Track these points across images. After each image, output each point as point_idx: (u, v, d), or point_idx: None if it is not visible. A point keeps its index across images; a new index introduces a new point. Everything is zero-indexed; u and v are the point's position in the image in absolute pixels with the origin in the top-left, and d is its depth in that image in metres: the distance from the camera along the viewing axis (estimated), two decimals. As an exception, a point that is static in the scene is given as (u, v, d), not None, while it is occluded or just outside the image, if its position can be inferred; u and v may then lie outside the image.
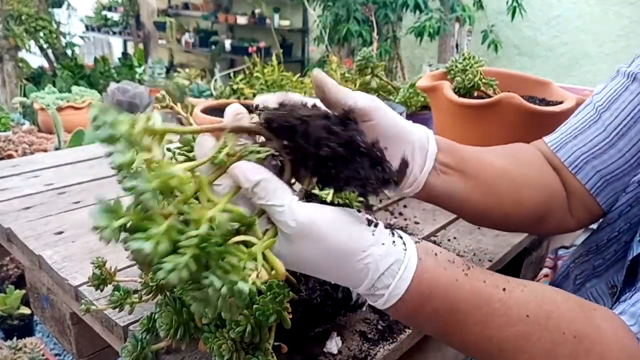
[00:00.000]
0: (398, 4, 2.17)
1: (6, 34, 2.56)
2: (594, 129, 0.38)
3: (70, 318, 0.46)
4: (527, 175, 0.37)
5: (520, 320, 0.26)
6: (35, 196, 0.60)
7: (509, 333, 0.26)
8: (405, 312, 0.26)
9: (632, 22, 2.22)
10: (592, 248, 0.40)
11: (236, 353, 0.30)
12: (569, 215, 0.39)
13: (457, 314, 0.26)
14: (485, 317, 0.26)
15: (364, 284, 0.25)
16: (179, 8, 4.37)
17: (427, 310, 0.26)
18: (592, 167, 0.37)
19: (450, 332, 0.27)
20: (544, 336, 0.25)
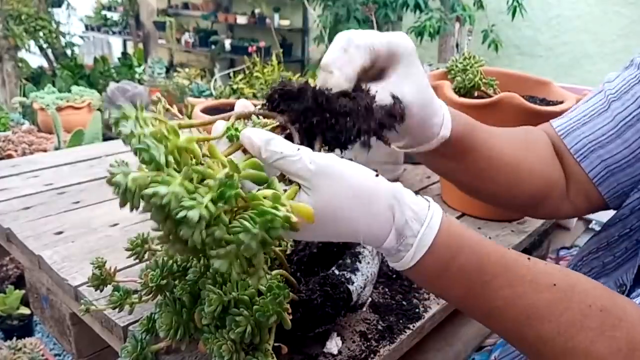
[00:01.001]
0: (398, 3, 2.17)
1: (6, 34, 2.56)
2: (602, 118, 0.37)
3: (70, 318, 0.45)
4: (532, 164, 0.37)
5: (547, 288, 0.25)
6: (34, 196, 0.60)
7: (536, 299, 0.25)
8: (433, 269, 0.25)
9: (632, 21, 2.22)
10: (603, 244, 0.40)
11: (236, 354, 0.30)
12: (566, 202, 0.39)
13: (485, 275, 0.25)
14: (513, 281, 0.25)
15: (392, 231, 0.24)
16: (179, 8, 4.37)
17: (455, 267, 0.25)
18: (598, 155, 0.37)
19: (477, 295, 0.25)
20: (571, 307, 0.25)
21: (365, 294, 0.37)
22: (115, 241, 0.50)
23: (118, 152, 0.78)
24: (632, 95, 0.36)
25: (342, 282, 0.35)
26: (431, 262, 0.25)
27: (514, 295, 0.25)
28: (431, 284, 0.26)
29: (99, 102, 2.16)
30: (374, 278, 0.39)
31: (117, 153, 0.78)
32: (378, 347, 0.37)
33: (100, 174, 0.68)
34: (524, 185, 0.37)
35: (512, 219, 0.60)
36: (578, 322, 0.25)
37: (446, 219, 0.25)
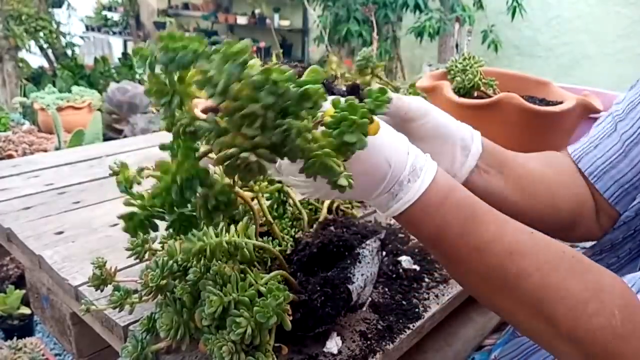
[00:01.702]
0: (398, 4, 2.17)
1: (6, 34, 2.56)
2: (611, 139, 0.39)
3: (71, 318, 0.46)
4: (561, 181, 0.39)
5: (527, 232, 0.28)
6: (35, 196, 0.60)
7: (519, 238, 0.28)
8: (436, 199, 0.27)
9: (633, 22, 2.22)
10: (607, 247, 0.41)
11: (236, 354, 0.30)
12: (596, 223, 0.40)
13: (477, 210, 0.28)
14: (499, 219, 0.28)
15: (409, 162, 0.27)
16: (179, 8, 4.37)
17: (454, 198, 0.28)
18: (610, 176, 0.38)
19: (469, 231, 0.27)
20: (549, 249, 0.28)
21: (365, 294, 0.38)
22: (116, 241, 0.50)
23: (118, 152, 0.78)
24: (637, 114, 0.37)
25: (342, 282, 0.35)
26: (434, 193, 0.27)
27: (501, 232, 0.28)
28: (433, 216, 0.28)
29: (100, 103, 2.17)
30: (373, 278, 0.39)
31: (117, 153, 0.78)
32: (378, 346, 0.37)
33: (101, 174, 0.68)
34: (563, 200, 0.38)
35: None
36: (554, 262, 0.27)
37: (439, 168, 0.29)
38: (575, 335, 0.26)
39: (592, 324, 0.25)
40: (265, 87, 0.20)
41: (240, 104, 0.20)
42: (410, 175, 0.27)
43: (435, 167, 0.28)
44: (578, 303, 0.26)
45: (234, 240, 0.33)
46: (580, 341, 0.26)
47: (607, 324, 0.25)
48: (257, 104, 0.20)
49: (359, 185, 0.27)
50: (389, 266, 0.46)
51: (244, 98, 0.20)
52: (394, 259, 0.47)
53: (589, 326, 0.25)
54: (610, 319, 0.25)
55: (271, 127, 0.21)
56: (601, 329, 0.25)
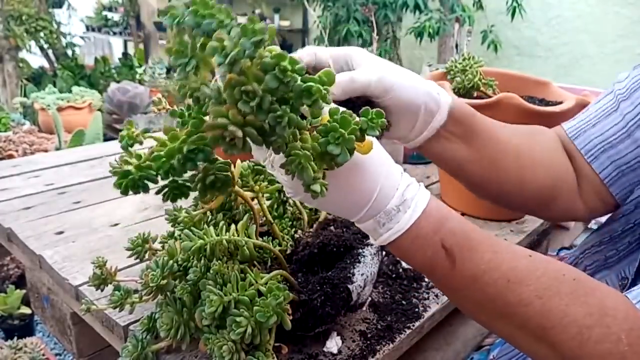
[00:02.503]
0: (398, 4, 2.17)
1: (7, 34, 2.56)
2: (612, 118, 0.37)
3: (71, 318, 0.46)
4: (537, 157, 0.37)
5: (525, 257, 0.28)
6: (35, 196, 0.60)
7: (516, 264, 0.27)
8: (426, 230, 0.27)
9: (632, 22, 2.22)
10: (606, 239, 0.40)
11: (237, 354, 0.30)
12: (579, 202, 0.39)
13: (471, 240, 0.27)
14: (495, 246, 0.28)
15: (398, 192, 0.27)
16: (179, 8, 4.37)
17: (446, 229, 0.27)
18: (608, 156, 0.37)
19: (464, 259, 0.27)
20: (547, 273, 0.27)
21: (365, 294, 0.38)
22: (116, 241, 0.50)
23: (119, 153, 0.79)
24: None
25: (342, 282, 0.35)
26: (425, 224, 0.27)
27: (497, 260, 0.27)
28: (424, 247, 0.28)
29: (100, 103, 2.17)
30: (373, 278, 0.39)
31: (117, 153, 0.78)
32: (378, 346, 0.37)
33: (101, 174, 0.68)
34: (533, 176, 0.37)
35: (511, 218, 0.60)
36: (554, 287, 0.26)
37: (432, 197, 0.28)
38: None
39: (599, 350, 0.24)
40: (273, 72, 0.20)
41: (244, 79, 0.21)
42: (400, 205, 0.26)
43: (427, 197, 0.27)
44: (582, 329, 0.25)
45: (234, 238, 0.33)
46: None
47: (614, 350, 0.24)
48: (260, 84, 0.20)
49: (340, 202, 0.26)
50: (389, 266, 0.46)
51: (250, 75, 0.21)
52: (394, 258, 0.47)
53: (595, 352, 0.25)
54: (618, 345, 0.24)
55: (266, 110, 0.21)
56: (609, 355, 0.24)
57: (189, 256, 0.33)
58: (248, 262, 0.35)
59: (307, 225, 0.42)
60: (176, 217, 0.36)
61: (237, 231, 0.34)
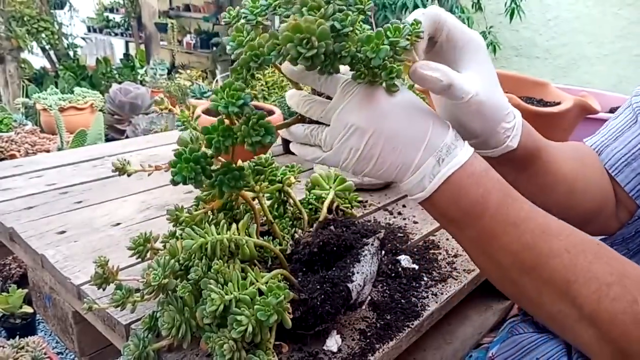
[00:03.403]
0: (398, 5, 2.17)
1: (8, 35, 2.57)
2: (632, 131, 0.38)
3: (73, 317, 0.46)
4: (588, 184, 0.38)
5: (555, 218, 0.29)
6: (37, 196, 0.60)
7: (549, 220, 0.28)
8: (479, 167, 0.28)
9: (630, 23, 2.22)
10: (617, 240, 0.40)
11: (237, 352, 0.30)
12: (614, 219, 0.39)
13: (511, 190, 0.28)
14: (529, 201, 0.28)
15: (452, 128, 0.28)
16: (180, 9, 4.38)
17: (492, 173, 0.28)
18: (632, 169, 0.37)
19: (508, 205, 0.27)
20: (575, 233, 0.28)
21: (365, 293, 0.38)
22: (118, 240, 0.50)
23: (120, 153, 0.79)
24: None
25: (342, 281, 0.35)
26: (477, 162, 0.28)
27: (534, 211, 0.28)
28: (479, 183, 0.28)
29: (101, 103, 2.17)
30: (373, 277, 0.39)
31: (119, 153, 0.78)
32: (377, 344, 0.37)
33: (103, 174, 0.68)
34: (582, 200, 0.37)
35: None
36: (581, 245, 0.27)
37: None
38: (597, 318, 0.26)
39: (615, 307, 0.25)
40: None
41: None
42: (456, 140, 0.27)
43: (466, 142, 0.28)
44: (602, 285, 0.26)
45: (234, 238, 0.33)
46: (600, 324, 0.26)
47: (629, 309, 0.25)
48: None
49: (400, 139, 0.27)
50: (388, 265, 0.46)
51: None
52: (393, 258, 0.48)
53: (611, 309, 0.25)
54: (633, 305, 0.25)
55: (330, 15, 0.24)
56: (622, 313, 0.25)
57: (190, 255, 0.34)
58: (249, 261, 0.35)
59: (307, 225, 0.42)
60: (177, 217, 0.36)
61: (238, 230, 0.34)
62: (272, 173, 0.41)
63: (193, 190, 0.63)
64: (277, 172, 0.41)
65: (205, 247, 0.32)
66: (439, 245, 0.52)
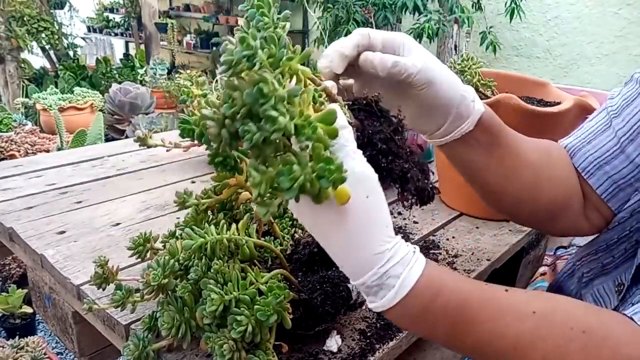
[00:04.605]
0: (397, 5, 2.17)
1: (8, 35, 2.57)
2: (605, 135, 0.38)
3: (73, 317, 0.46)
4: (554, 174, 0.38)
5: (528, 317, 0.26)
6: (37, 196, 0.60)
7: (520, 329, 0.25)
8: (414, 310, 0.25)
9: (630, 23, 2.22)
10: (602, 247, 0.41)
11: (237, 352, 0.30)
12: (583, 218, 0.40)
13: (467, 311, 0.26)
14: (495, 313, 0.26)
15: (377, 266, 0.25)
16: (180, 9, 4.39)
17: (437, 306, 0.26)
18: (604, 172, 0.38)
19: (461, 332, 0.26)
20: (554, 332, 0.25)
21: (364, 293, 0.38)
22: (118, 240, 0.50)
23: (120, 153, 0.79)
24: (632, 110, 0.37)
25: (342, 281, 0.35)
26: (413, 303, 0.26)
27: (498, 328, 0.26)
28: (413, 324, 0.27)
29: (101, 103, 2.17)
30: (373, 277, 0.39)
31: (119, 153, 0.78)
32: (377, 345, 0.37)
33: (103, 174, 0.68)
34: (549, 189, 0.37)
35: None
36: (563, 347, 0.25)
37: (428, 265, 0.27)
38: None
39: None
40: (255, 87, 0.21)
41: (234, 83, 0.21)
42: (382, 282, 0.25)
43: (418, 271, 0.25)
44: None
45: (234, 237, 0.33)
46: None
47: None
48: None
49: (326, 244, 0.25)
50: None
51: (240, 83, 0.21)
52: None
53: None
54: None
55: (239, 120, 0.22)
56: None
57: (190, 255, 0.34)
58: (249, 261, 0.35)
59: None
60: (185, 200, 0.36)
61: (238, 230, 0.34)
62: (272, 173, 0.40)
63: (193, 191, 0.63)
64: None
65: (205, 247, 0.32)
66: (439, 245, 0.52)
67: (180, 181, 0.66)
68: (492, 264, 0.50)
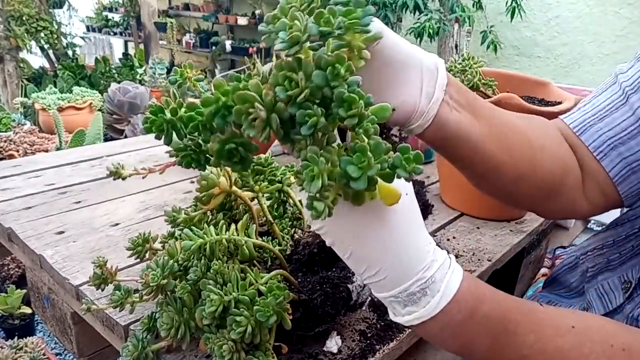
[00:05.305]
0: (398, 4, 2.17)
1: (7, 35, 2.57)
2: (621, 112, 0.34)
3: (71, 317, 0.46)
4: (544, 142, 0.34)
5: (568, 331, 0.25)
6: (36, 196, 0.60)
7: (560, 344, 0.24)
8: (458, 317, 0.23)
9: (631, 22, 2.22)
10: (609, 242, 0.39)
11: (237, 353, 0.30)
12: (582, 198, 0.36)
13: (509, 323, 0.24)
14: (535, 326, 0.24)
15: (423, 270, 0.23)
16: (180, 9, 4.38)
17: (480, 315, 0.24)
18: (618, 153, 0.34)
19: (503, 345, 0.24)
20: (595, 348, 0.24)
21: (365, 293, 0.38)
22: (116, 241, 0.50)
23: (119, 153, 0.79)
24: None
25: (342, 281, 0.35)
26: (457, 310, 0.24)
27: (540, 341, 0.24)
28: (454, 336, 0.24)
29: (100, 103, 2.17)
30: (373, 277, 0.39)
31: (118, 153, 0.78)
32: (377, 345, 0.37)
33: (102, 174, 0.68)
34: (542, 159, 0.34)
35: (510, 218, 0.60)
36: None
37: (466, 273, 0.25)
38: None
39: None
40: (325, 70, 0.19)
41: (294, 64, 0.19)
42: (426, 287, 0.23)
43: (459, 277, 0.24)
44: None
45: (233, 238, 0.33)
46: None
47: None
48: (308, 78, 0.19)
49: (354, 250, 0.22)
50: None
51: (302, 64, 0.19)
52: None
53: None
54: None
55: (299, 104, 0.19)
56: None
57: (189, 256, 0.34)
58: (248, 261, 0.35)
59: (307, 225, 0.42)
60: (175, 218, 0.36)
61: (237, 231, 0.34)
62: (271, 173, 0.40)
63: (192, 191, 0.63)
64: (277, 172, 0.41)
65: (204, 248, 0.32)
66: (440, 246, 0.52)
67: (179, 181, 0.66)
68: (493, 264, 0.50)
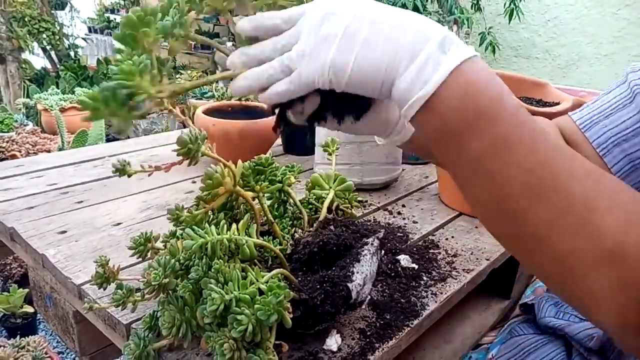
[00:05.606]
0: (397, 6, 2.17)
1: (9, 36, 2.58)
2: (627, 110, 0.35)
3: (74, 316, 0.46)
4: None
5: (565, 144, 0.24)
6: (38, 196, 0.61)
7: (561, 141, 0.24)
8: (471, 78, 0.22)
9: (629, 23, 2.22)
10: None
11: (238, 352, 0.30)
12: None
13: (509, 96, 0.24)
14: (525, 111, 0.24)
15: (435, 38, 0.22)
16: (181, 10, 4.39)
17: (483, 82, 0.23)
18: (622, 150, 0.35)
19: (523, 117, 0.23)
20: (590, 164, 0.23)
21: (365, 292, 0.38)
22: (119, 240, 0.50)
23: (121, 153, 0.79)
24: None
25: (342, 280, 0.35)
26: (481, 65, 0.23)
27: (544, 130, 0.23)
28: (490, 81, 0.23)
29: (102, 104, 2.17)
30: (373, 276, 0.39)
31: (120, 154, 0.78)
32: (377, 344, 0.37)
33: (104, 174, 0.68)
34: None
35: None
36: (599, 171, 0.23)
37: None
38: (621, 252, 0.21)
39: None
40: None
41: None
42: (445, 41, 0.22)
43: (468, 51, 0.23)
44: (631, 214, 0.21)
45: (235, 237, 0.33)
46: (623, 261, 0.21)
47: None
48: None
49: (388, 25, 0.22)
50: (388, 265, 0.46)
51: None
52: (393, 257, 0.48)
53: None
54: None
55: None
56: None
57: (190, 255, 0.34)
58: (249, 261, 0.35)
59: (307, 225, 0.42)
60: (178, 217, 0.36)
61: (238, 230, 0.34)
62: (272, 173, 0.41)
63: (194, 190, 0.64)
64: (277, 172, 0.41)
65: (205, 247, 0.32)
66: (439, 245, 0.52)
67: (181, 181, 0.67)
68: (491, 263, 0.50)
